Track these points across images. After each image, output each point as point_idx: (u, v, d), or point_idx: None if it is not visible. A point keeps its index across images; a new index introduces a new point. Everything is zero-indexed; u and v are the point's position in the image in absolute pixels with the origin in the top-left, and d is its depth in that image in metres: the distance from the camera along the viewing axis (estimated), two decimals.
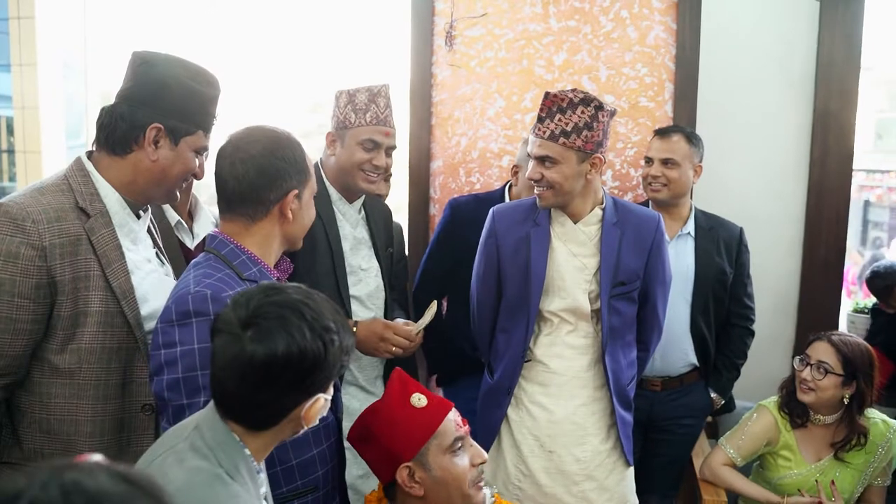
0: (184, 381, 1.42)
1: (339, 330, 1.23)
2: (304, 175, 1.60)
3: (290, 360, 1.17)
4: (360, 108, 2.23)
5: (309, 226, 1.66)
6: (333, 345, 1.21)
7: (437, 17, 3.16)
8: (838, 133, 3.01)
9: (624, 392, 2.25)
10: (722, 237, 2.70)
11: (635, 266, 2.18)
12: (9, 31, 9.99)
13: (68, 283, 1.57)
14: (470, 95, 3.17)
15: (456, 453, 1.60)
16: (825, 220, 3.04)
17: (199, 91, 1.69)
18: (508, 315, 2.25)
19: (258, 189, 1.56)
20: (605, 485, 2.21)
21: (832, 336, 2.44)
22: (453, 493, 1.59)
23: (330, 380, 1.26)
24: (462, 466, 1.60)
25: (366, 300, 2.31)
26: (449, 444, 1.59)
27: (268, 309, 1.19)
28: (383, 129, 2.26)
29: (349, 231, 2.30)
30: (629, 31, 3.05)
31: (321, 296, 1.28)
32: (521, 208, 2.26)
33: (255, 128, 1.62)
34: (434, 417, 1.60)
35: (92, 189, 1.65)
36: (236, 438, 1.24)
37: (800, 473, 2.45)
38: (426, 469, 1.58)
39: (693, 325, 2.66)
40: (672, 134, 2.66)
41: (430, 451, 1.58)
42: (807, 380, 2.40)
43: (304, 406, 1.23)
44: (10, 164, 11.31)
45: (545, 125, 2.08)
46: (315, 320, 1.20)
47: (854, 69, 2.98)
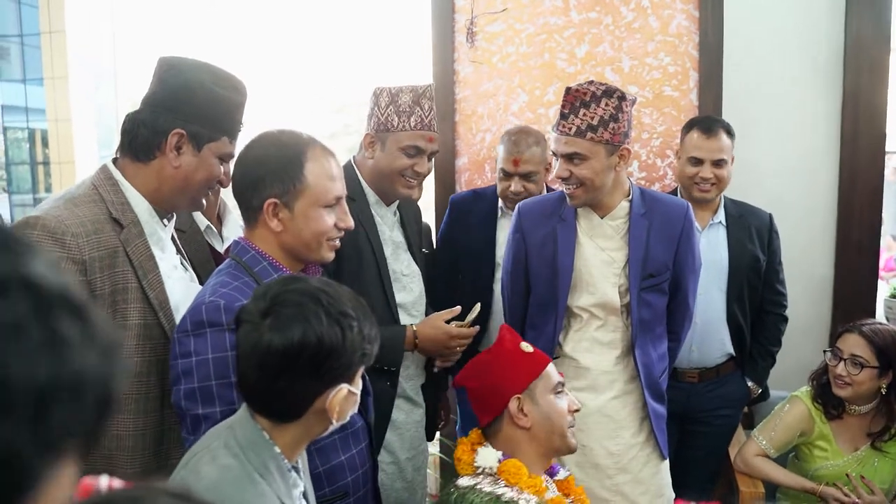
0: (200, 391, 1.43)
1: (358, 317, 1.23)
2: (291, 184, 1.54)
3: (307, 347, 1.18)
4: (403, 111, 2.12)
5: (314, 238, 1.58)
6: (352, 331, 1.21)
7: (458, 14, 3.16)
8: (869, 113, 2.95)
9: (656, 385, 2.23)
10: (753, 224, 2.67)
11: (665, 257, 2.16)
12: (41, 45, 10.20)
13: (108, 297, 1.55)
14: (493, 91, 3.16)
15: (559, 395, 1.78)
16: (858, 202, 2.98)
17: (224, 97, 1.67)
18: (538, 311, 2.24)
19: (243, 195, 1.58)
20: (640, 477, 2.20)
21: (862, 327, 2.39)
22: (555, 428, 1.75)
23: (351, 368, 1.25)
24: (563, 406, 1.77)
25: (410, 308, 2.26)
26: (553, 386, 1.77)
27: (285, 297, 1.20)
28: (428, 134, 2.15)
29: (388, 235, 2.24)
30: (651, 21, 3.02)
31: (343, 286, 1.29)
32: (547, 203, 2.25)
33: (263, 132, 1.62)
34: (540, 361, 1.80)
35: (122, 198, 1.64)
36: (266, 436, 1.25)
37: (836, 464, 2.41)
38: (534, 402, 1.75)
39: (729, 315, 2.64)
40: (717, 131, 2.59)
41: (538, 388, 1.76)
42: (842, 375, 2.36)
43: (327, 396, 1.24)
44: (46, 175, 11.54)
45: (570, 121, 2.03)
46: (332, 306, 1.20)
47: (884, 47, 2.92)
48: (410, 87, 2.15)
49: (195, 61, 1.69)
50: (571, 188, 2.09)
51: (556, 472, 1.88)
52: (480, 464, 1.71)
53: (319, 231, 1.58)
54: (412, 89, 2.14)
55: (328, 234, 1.60)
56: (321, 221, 1.57)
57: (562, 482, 1.86)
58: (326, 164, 1.59)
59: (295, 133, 1.61)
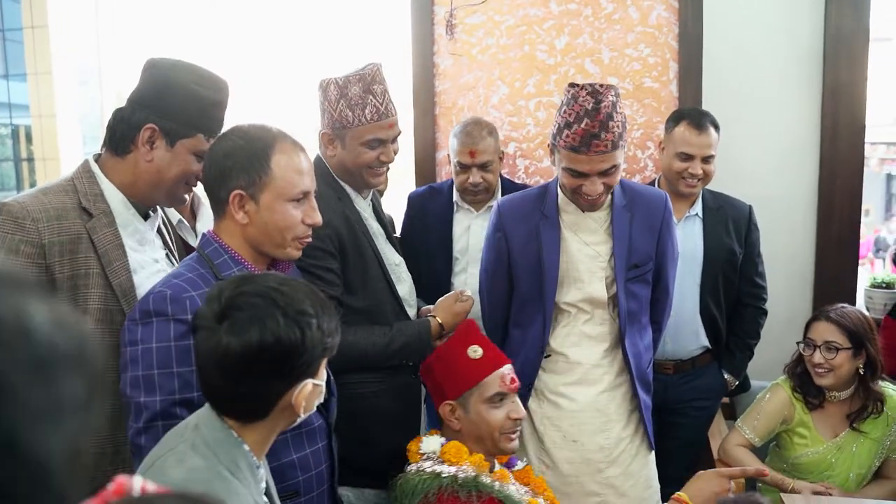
0: (143, 379, 1.43)
1: (317, 313, 1.21)
2: (258, 176, 1.53)
3: (266, 349, 1.16)
4: (356, 104, 1.98)
5: (279, 232, 1.56)
6: (311, 328, 1.20)
7: (437, 7, 3.14)
8: (849, 106, 2.95)
9: (644, 375, 2.23)
10: (731, 216, 2.66)
11: (647, 247, 2.15)
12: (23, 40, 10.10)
13: (66, 281, 1.60)
14: (473, 84, 3.15)
15: (495, 405, 1.81)
16: (838, 195, 2.98)
17: (201, 94, 1.70)
18: (522, 310, 2.21)
19: (211, 186, 1.58)
20: (630, 470, 2.20)
21: (829, 313, 2.42)
22: (484, 435, 1.81)
23: (313, 364, 1.23)
24: (496, 417, 1.81)
25: (408, 298, 2.20)
26: (489, 396, 1.81)
27: (240, 300, 1.18)
28: (386, 121, 2.02)
29: (375, 228, 2.18)
30: (630, 12, 3.01)
31: (299, 281, 1.28)
32: (527, 200, 2.22)
33: (233, 126, 1.62)
34: (482, 370, 1.82)
35: (97, 189, 1.69)
36: (234, 434, 1.24)
37: (817, 451, 2.42)
38: (465, 410, 1.82)
39: (703, 307, 2.63)
40: (706, 126, 2.57)
41: (472, 397, 1.81)
42: (820, 363, 2.37)
43: (292, 393, 1.23)
44: (31, 171, 11.46)
45: (603, 139, 1.94)
46: (289, 306, 1.19)
47: (863, 39, 2.92)
48: (357, 74, 1.99)
49: (177, 61, 1.73)
50: (596, 197, 2.04)
51: (513, 464, 1.91)
52: (425, 450, 1.80)
53: (285, 225, 1.56)
54: (360, 77, 1.99)
55: (294, 231, 1.57)
56: (287, 215, 1.55)
57: (519, 472, 1.90)
58: (294, 157, 1.57)
59: (264, 126, 1.60)
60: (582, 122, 1.94)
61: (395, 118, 2.06)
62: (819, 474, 2.41)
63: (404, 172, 3.34)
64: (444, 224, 2.71)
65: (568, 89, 2.01)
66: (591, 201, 2.05)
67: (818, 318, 2.45)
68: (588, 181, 2.00)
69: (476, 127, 2.63)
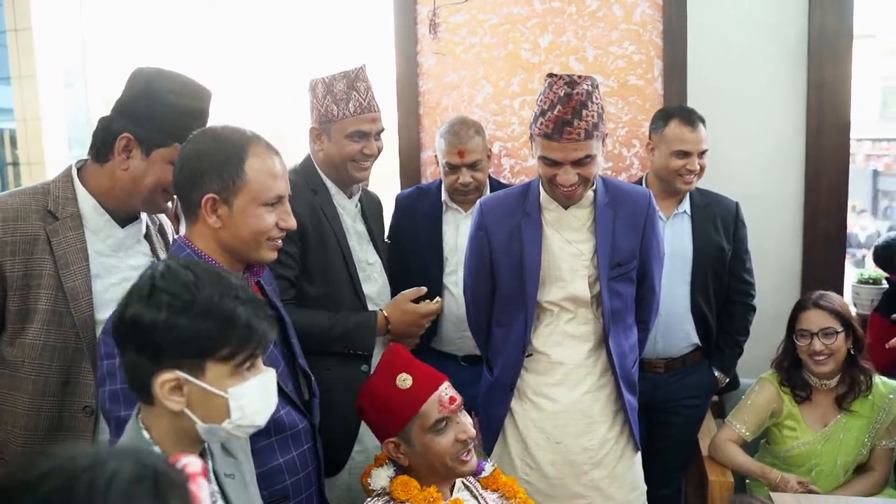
0: (122, 393, 1.40)
1: (184, 306, 1.17)
2: (231, 180, 1.50)
3: (125, 321, 1.18)
4: (340, 99, 2.13)
5: (253, 236, 1.54)
6: (160, 311, 1.16)
7: (420, 6, 3.12)
8: (834, 102, 2.94)
9: (629, 376, 2.21)
10: (718, 214, 2.65)
11: (631, 245, 2.13)
12: (6, 43, 10.01)
13: (18, 280, 1.63)
14: (457, 83, 3.13)
15: (439, 432, 1.68)
16: (824, 191, 2.98)
17: (178, 103, 1.68)
18: (504, 308, 2.20)
19: (182, 190, 1.55)
20: (615, 472, 2.18)
21: (818, 300, 2.46)
22: (435, 464, 1.69)
23: (174, 352, 1.16)
24: (443, 444, 1.68)
25: (376, 298, 2.27)
26: (431, 425, 1.67)
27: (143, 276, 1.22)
28: (369, 115, 2.16)
29: (351, 225, 2.26)
30: (614, 9, 3.00)
31: (213, 269, 1.24)
32: (509, 198, 2.20)
33: (205, 128, 1.60)
34: (416, 399, 1.68)
35: (69, 194, 1.71)
36: (145, 435, 1.21)
37: (806, 443, 2.43)
38: (409, 444, 1.69)
39: (693, 305, 2.62)
40: (696, 121, 2.57)
41: (413, 430, 1.68)
42: (821, 351, 2.39)
43: (155, 379, 1.17)
44: (16, 175, 11.39)
45: (576, 126, 1.94)
46: (165, 287, 1.18)
47: (847, 37, 2.91)
48: (342, 72, 2.16)
49: (162, 69, 1.73)
50: (572, 189, 2.03)
51: (480, 471, 1.85)
52: (374, 486, 1.72)
53: (258, 229, 1.53)
54: (345, 75, 2.15)
55: (268, 234, 1.55)
56: (261, 220, 1.53)
57: (487, 478, 1.85)
58: (269, 161, 1.54)
59: (237, 129, 1.57)
60: (555, 108, 1.94)
61: (377, 114, 2.19)
62: (808, 465, 2.42)
63: (389, 173, 3.31)
64: (433, 224, 2.70)
65: (546, 79, 2.01)
66: (566, 193, 2.04)
67: (806, 307, 2.47)
68: (561, 170, 1.99)
69: (463, 126, 2.62)
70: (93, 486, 0.71)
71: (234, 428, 1.21)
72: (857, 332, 2.42)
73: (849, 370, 2.43)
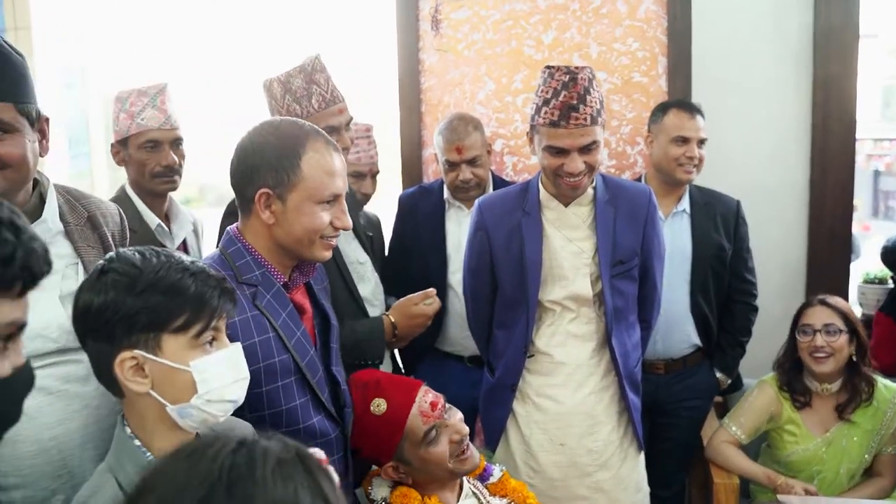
0: None
1: (130, 283, 1.16)
2: (286, 176, 1.47)
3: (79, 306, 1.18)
4: (301, 96, 2.00)
5: (306, 234, 1.50)
6: (108, 293, 1.16)
7: (422, 2, 3.10)
8: (840, 99, 2.92)
9: (632, 375, 2.19)
10: (719, 212, 2.62)
11: (632, 242, 2.12)
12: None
13: None
14: (459, 80, 3.10)
15: (431, 443, 1.64)
16: (829, 190, 2.95)
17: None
18: (506, 309, 2.17)
19: (237, 184, 1.52)
20: (620, 474, 2.16)
21: (823, 299, 2.44)
22: (436, 472, 1.66)
23: (120, 331, 1.16)
24: (439, 451, 1.64)
25: (372, 299, 2.21)
26: (420, 439, 1.63)
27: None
28: (335, 108, 2.03)
29: None
30: (619, 6, 2.97)
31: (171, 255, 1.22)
32: (508, 197, 2.18)
33: (265, 121, 1.55)
34: (396, 421, 1.63)
35: None
36: (126, 430, 1.21)
37: (807, 448, 2.40)
38: (407, 463, 1.66)
39: (693, 305, 2.60)
40: (695, 110, 2.57)
41: (405, 449, 1.64)
42: (822, 347, 2.36)
43: (114, 363, 1.16)
44: None
45: (581, 112, 1.94)
46: (107, 271, 1.18)
47: (853, 34, 2.89)
48: (298, 67, 2.04)
49: None
50: (579, 178, 2.00)
51: (488, 474, 1.82)
52: (374, 496, 1.68)
53: (312, 228, 1.49)
54: (300, 69, 2.03)
55: (322, 232, 1.51)
56: (315, 217, 1.49)
57: (495, 484, 1.81)
58: (327, 158, 1.49)
59: (297, 123, 1.53)
60: (560, 95, 1.94)
61: (343, 104, 2.05)
62: (810, 471, 2.39)
63: (390, 171, 3.29)
64: (435, 223, 2.67)
65: (544, 70, 2.00)
66: (573, 183, 2.01)
67: (811, 304, 2.45)
68: (569, 158, 1.98)
69: (460, 122, 2.59)
70: (252, 459, 0.75)
71: (205, 404, 1.19)
72: (861, 337, 2.39)
73: (851, 378, 2.39)
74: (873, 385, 2.38)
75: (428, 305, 2.11)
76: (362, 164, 2.66)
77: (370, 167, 2.70)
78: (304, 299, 1.63)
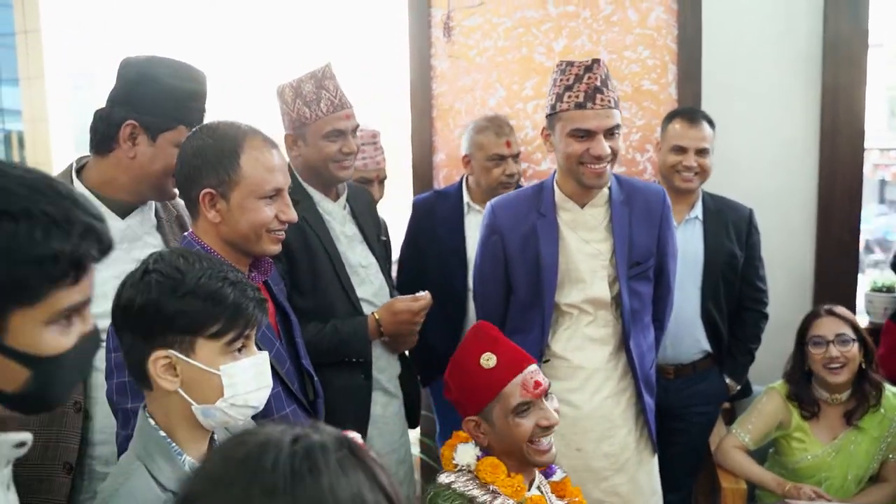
0: (129, 385, 1.40)
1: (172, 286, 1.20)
2: (227, 175, 1.52)
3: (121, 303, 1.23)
4: (311, 101, 2.08)
5: (252, 230, 1.54)
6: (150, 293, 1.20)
7: (434, 9, 3.12)
8: (848, 108, 2.93)
9: (648, 377, 2.19)
10: (731, 220, 2.64)
11: (648, 243, 2.11)
12: (15, 45, 10.04)
13: None
14: (470, 86, 3.13)
15: (520, 415, 1.63)
16: (838, 198, 2.96)
17: (177, 86, 1.70)
18: (521, 314, 2.15)
19: (182, 187, 1.59)
20: (636, 477, 2.15)
21: (830, 309, 2.45)
22: (512, 448, 1.64)
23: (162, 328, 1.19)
24: (523, 428, 1.62)
25: (374, 300, 2.22)
26: (512, 408, 1.62)
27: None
28: (342, 113, 2.11)
29: (339, 230, 2.19)
30: (629, 14, 2.99)
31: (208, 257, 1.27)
32: (521, 199, 2.16)
33: (203, 124, 1.62)
34: (499, 381, 1.63)
35: None
36: (150, 422, 1.24)
37: (816, 455, 2.40)
38: (490, 423, 1.64)
39: (704, 311, 2.61)
40: (699, 120, 2.58)
41: (494, 411, 1.64)
42: (836, 357, 2.36)
43: (147, 359, 1.20)
44: None
45: (606, 94, 1.95)
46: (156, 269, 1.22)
47: (862, 42, 2.90)
48: (309, 73, 2.12)
49: (150, 56, 1.74)
50: (603, 165, 1.99)
51: (552, 472, 1.80)
52: (458, 461, 1.67)
53: (257, 223, 1.54)
54: (311, 75, 2.11)
55: (267, 226, 1.55)
56: (258, 213, 1.54)
57: (557, 483, 1.79)
58: (265, 154, 1.55)
59: (234, 124, 1.58)
60: (583, 79, 1.96)
61: (350, 110, 2.13)
62: (818, 477, 2.40)
63: (401, 176, 3.31)
64: (454, 227, 2.69)
65: (559, 64, 2.03)
66: (597, 170, 1.99)
67: (818, 315, 2.45)
68: (595, 141, 1.96)
69: (502, 120, 2.69)
70: (314, 463, 0.73)
71: (229, 407, 1.23)
72: (868, 343, 2.40)
73: (860, 385, 2.40)
74: (881, 389, 2.39)
75: (414, 302, 2.13)
76: (369, 170, 2.68)
77: (377, 173, 2.72)
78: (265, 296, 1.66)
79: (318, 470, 0.73)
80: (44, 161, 10.94)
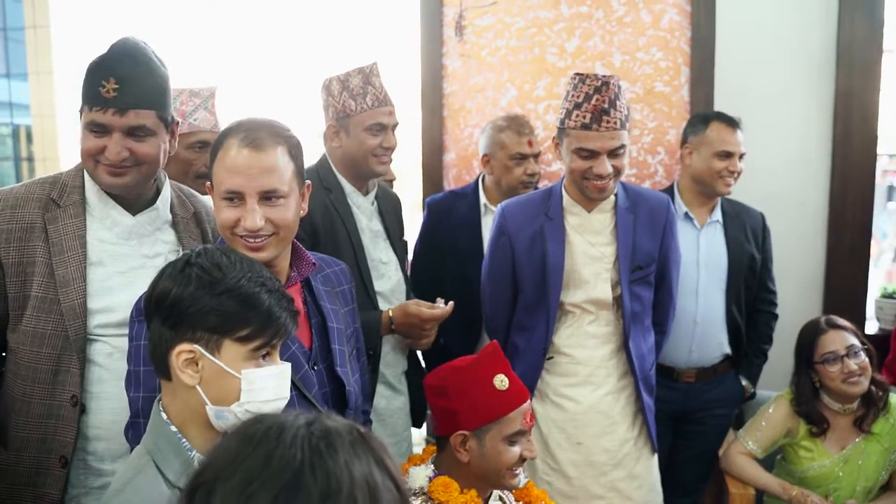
0: (133, 375, 1.43)
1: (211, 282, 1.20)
2: (211, 170, 1.51)
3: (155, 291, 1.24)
4: (357, 94, 2.16)
5: (222, 229, 1.52)
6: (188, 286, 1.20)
7: (447, 8, 3.11)
8: (861, 114, 2.92)
9: (648, 378, 2.24)
10: (748, 223, 2.65)
11: (650, 249, 2.17)
12: (25, 40, 10.05)
13: (13, 267, 1.64)
14: (482, 86, 3.12)
15: (512, 443, 1.68)
16: (850, 203, 2.95)
17: (92, 65, 1.67)
18: (527, 313, 2.21)
19: None
20: (634, 473, 2.20)
21: (833, 322, 2.42)
22: (491, 472, 1.68)
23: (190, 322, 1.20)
24: (510, 455, 1.67)
25: (389, 296, 2.26)
26: (509, 434, 1.67)
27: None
28: (386, 109, 2.19)
29: (366, 224, 2.25)
30: (642, 15, 2.98)
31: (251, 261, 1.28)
32: (531, 202, 2.23)
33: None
34: (507, 405, 1.67)
35: (78, 182, 1.70)
36: (162, 414, 1.25)
37: (823, 465, 2.39)
38: (480, 443, 1.67)
39: (728, 314, 2.61)
40: (737, 125, 2.57)
41: (491, 432, 1.66)
42: (855, 371, 2.33)
43: (172, 350, 1.21)
44: (30, 171, 11.42)
45: (612, 116, 2.01)
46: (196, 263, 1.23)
47: (876, 47, 2.90)
48: (357, 69, 2.19)
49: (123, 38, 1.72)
50: (606, 181, 2.06)
51: None
52: (412, 485, 1.69)
53: (220, 224, 1.50)
54: (359, 70, 2.18)
55: (230, 229, 1.48)
56: (220, 212, 1.49)
57: (520, 491, 1.82)
58: (231, 153, 1.45)
59: (232, 124, 1.54)
60: (592, 99, 2.00)
61: (393, 108, 2.22)
62: (826, 487, 2.38)
63: (411, 175, 3.30)
64: (472, 228, 2.68)
65: (574, 77, 2.07)
66: (600, 186, 2.06)
67: (823, 331, 2.41)
68: (598, 161, 2.03)
69: (522, 120, 2.70)
70: (330, 442, 0.75)
71: (243, 413, 1.22)
72: (870, 347, 2.39)
73: (866, 398, 2.38)
74: (886, 390, 2.38)
75: (428, 309, 2.14)
76: None
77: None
78: (297, 298, 1.61)
79: (335, 448, 0.75)
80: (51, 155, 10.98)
